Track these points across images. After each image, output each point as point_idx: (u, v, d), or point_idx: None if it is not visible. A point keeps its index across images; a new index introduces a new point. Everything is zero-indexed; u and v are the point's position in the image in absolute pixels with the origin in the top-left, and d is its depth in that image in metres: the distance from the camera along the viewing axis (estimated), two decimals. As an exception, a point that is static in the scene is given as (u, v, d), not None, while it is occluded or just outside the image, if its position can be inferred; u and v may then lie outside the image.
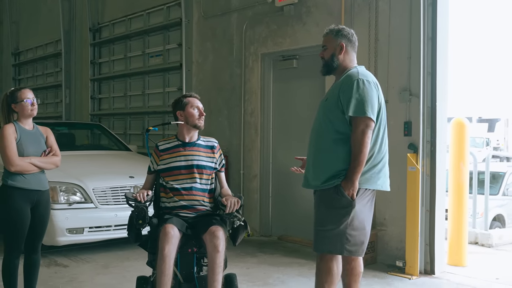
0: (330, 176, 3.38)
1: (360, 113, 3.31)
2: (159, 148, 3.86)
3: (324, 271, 3.46)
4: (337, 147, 3.38)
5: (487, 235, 6.93)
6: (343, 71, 3.53)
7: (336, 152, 3.38)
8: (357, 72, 3.44)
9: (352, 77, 3.40)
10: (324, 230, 3.43)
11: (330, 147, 3.41)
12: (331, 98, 3.47)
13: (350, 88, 3.34)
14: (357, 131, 3.31)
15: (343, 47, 3.53)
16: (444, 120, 5.43)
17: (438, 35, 5.27)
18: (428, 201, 5.27)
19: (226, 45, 7.55)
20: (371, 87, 3.38)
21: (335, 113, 3.40)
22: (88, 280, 5.05)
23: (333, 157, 3.39)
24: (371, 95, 3.35)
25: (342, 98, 3.37)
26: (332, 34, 3.57)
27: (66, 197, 5.82)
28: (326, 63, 3.58)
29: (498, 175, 9.81)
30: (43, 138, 4.06)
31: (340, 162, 3.36)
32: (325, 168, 3.41)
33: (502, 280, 5.20)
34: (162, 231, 3.45)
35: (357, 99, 3.31)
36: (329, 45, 3.57)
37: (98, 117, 10.66)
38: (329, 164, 3.40)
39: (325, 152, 3.43)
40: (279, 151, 7.04)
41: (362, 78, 3.38)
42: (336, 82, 3.56)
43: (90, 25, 10.58)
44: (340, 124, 3.38)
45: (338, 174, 3.36)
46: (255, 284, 4.92)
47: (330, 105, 3.45)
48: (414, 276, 5.15)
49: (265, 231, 7.08)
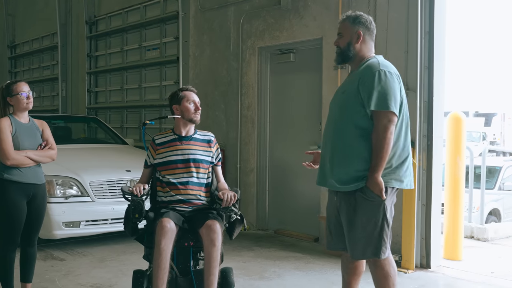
0: (353, 177, 3.18)
1: (382, 107, 3.10)
2: (156, 142, 3.85)
3: (381, 278, 3.27)
4: (359, 143, 3.18)
5: (482, 229, 6.96)
6: (360, 61, 3.31)
7: (358, 149, 3.18)
8: (378, 63, 3.21)
9: (373, 68, 3.18)
10: (359, 236, 3.22)
11: (350, 144, 3.20)
12: (349, 91, 3.25)
13: (371, 80, 3.13)
14: (379, 126, 3.10)
15: (361, 36, 3.30)
16: (441, 114, 5.43)
17: (435, 29, 5.26)
18: (424, 195, 5.28)
19: (223, 39, 7.53)
20: (394, 79, 3.17)
21: (354, 107, 3.19)
22: (84, 273, 5.05)
23: (354, 155, 3.19)
24: (394, 88, 3.14)
25: (362, 91, 3.15)
26: (349, 21, 3.33)
27: (62, 191, 5.81)
28: (341, 52, 3.35)
29: (494, 170, 9.85)
30: (39, 131, 4.05)
31: (363, 160, 3.16)
32: (347, 167, 3.21)
33: (497, 274, 5.23)
34: (158, 225, 3.45)
35: (379, 92, 3.10)
36: (345, 33, 3.33)
37: (94, 111, 10.62)
38: (351, 163, 3.20)
39: (346, 149, 3.22)
40: (276, 145, 7.04)
41: (383, 69, 3.16)
42: (353, 73, 3.33)
43: (86, 18, 10.52)
44: (361, 119, 3.17)
45: (362, 174, 3.16)
46: (252, 278, 4.93)
47: (348, 98, 3.23)
48: (410, 270, 5.16)
49: (261, 225, 7.09)
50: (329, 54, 6.08)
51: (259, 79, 7.09)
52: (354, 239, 3.26)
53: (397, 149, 3.22)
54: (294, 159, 6.71)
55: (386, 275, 3.26)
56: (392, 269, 3.29)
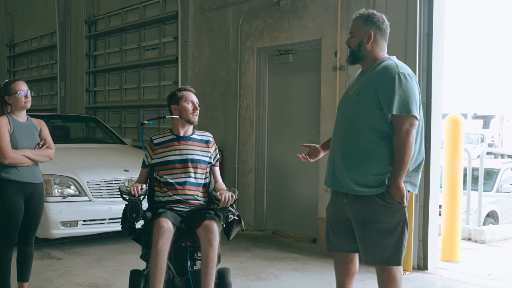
0: (373, 181, 3.10)
1: (405, 111, 3.01)
2: (154, 142, 3.85)
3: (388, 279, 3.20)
4: (376, 146, 3.10)
5: (480, 231, 6.96)
6: (373, 61, 3.22)
7: (375, 152, 3.10)
8: (396, 65, 3.11)
9: (392, 70, 3.08)
10: (379, 243, 3.14)
11: (367, 146, 3.11)
12: (364, 93, 3.15)
13: (391, 84, 3.03)
14: (401, 131, 3.01)
15: (371, 36, 3.21)
16: (439, 116, 5.43)
17: (434, 31, 5.26)
18: (422, 197, 5.28)
19: (222, 39, 7.53)
20: (413, 82, 3.09)
21: (371, 110, 3.09)
22: (81, 273, 5.05)
23: (371, 157, 3.10)
24: (414, 91, 3.06)
25: (381, 94, 3.06)
26: (361, 20, 3.26)
27: (60, 190, 5.80)
28: (352, 52, 3.27)
29: (492, 172, 9.86)
30: (36, 130, 4.04)
31: (380, 163, 3.09)
32: (365, 170, 3.11)
33: (495, 276, 5.23)
34: (156, 225, 3.45)
35: (401, 96, 3.01)
36: (356, 33, 3.25)
37: (93, 110, 10.62)
38: (368, 166, 3.11)
39: (362, 152, 3.12)
40: (274, 145, 7.04)
41: (403, 72, 3.07)
42: (367, 74, 3.22)
43: (85, 17, 10.52)
44: (379, 122, 3.08)
45: (382, 178, 3.09)
46: (249, 279, 4.93)
47: (364, 100, 3.13)
48: (407, 272, 5.16)
49: (259, 226, 7.09)
50: (328, 55, 6.09)
51: (258, 80, 7.09)
52: (371, 245, 3.19)
53: (415, 153, 3.15)
54: (292, 160, 6.70)
55: (392, 279, 3.20)
56: (399, 273, 3.23)
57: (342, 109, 3.33)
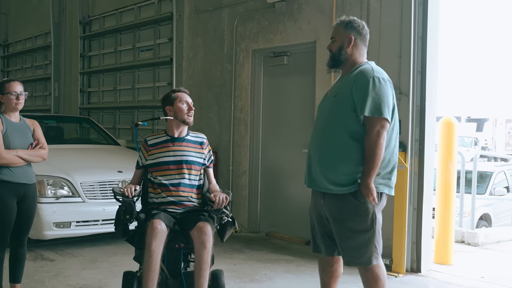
0: (345, 180, 3.20)
1: (377, 113, 3.13)
2: (148, 143, 3.84)
3: (370, 280, 3.26)
4: (349, 146, 3.20)
5: (473, 234, 6.99)
6: (352, 65, 3.35)
7: (348, 152, 3.20)
8: (372, 69, 3.25)
9: (367, 74, 3.21)
10: (352, 242, 3.23)
11: (341, 146, 3.22)
12: (341, 95, 3.26)
13: (365, 86, 3.16)
14: (372, 132, 3.14)
15: (352, 40, 3.33)
16: (433, 119, 5.45)
17: (429, 34, 5.28)
18: (416, 200, 5.30)
19: (217, 41, 7.53)
20: (387, 86, 3.21)
21: (346, 111, 3.21)
22: (74, 274, 5.02)
23: (346, 158, 3.21)
24: (388, 95, 3.18)
25: (356, 96, 3.18)
26: (342, 25, 3.38)
27: (53, 191, 5.78)
28: (333, 56, 3.39)
29: (486, 175, 9.90)
30: (30, 130, 4.02)
31: (353, 163, 3.19)
32: (338, 169, 3.22)
33: (487, 279, 5.25)
34: (149, 226, 3.44)
35: (374, 98, 3.14)
36: (337, 37, 3.37)
37: (87, 111, 10.58)
38: (341, 165, 3.22)
39: (336, 152, 3.23)
40: (268, 147, 7.04)
41: (378, 76, 3.20)
42: (345, 78, 3.34)
43: (80, 18, 10.49)
44: (353, 123, 3.20)
45: (354, 177, 3.19)
46: (242, 281, 4.92)
47: (341, 102, 3.25)
48: (400, 274, 5.17)
49: (253, 228, 7.08)
50: (323, 57, 6.07)
51: (252, 82, 7.09)
52: (346, 246, 3.28)
53: (387, 155, 3.25)
54: (286, 162, 6.72)
55: (376, 278, 3.27)
56: (382, 272, 3.30)
57: (321, 110, 3.47)
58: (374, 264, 3.26)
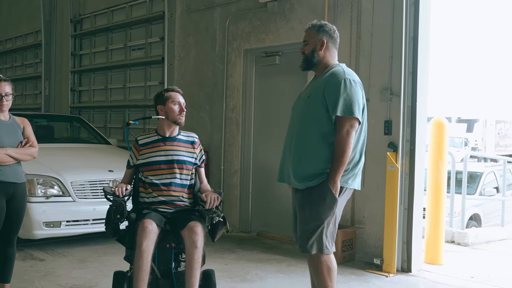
0: (313, 174, 3.36)
1: (347, 113, 3.29)
2: (139, 142, 3.82)
3: (323, 270, 3.40)
4: (321, 146, 3.36)
5: (463, 234, 7.03)
6: (324, 67, 3.51)
7: (320, 151, 3.35)
8: (343, 71, 3.41)
9: (338, 76, 3.37)
10: (311, 230, 3.39)
11: (314, 146, 3.37)
12: (314, 96, 3.43)
13: (337, 88, 3.31)
14: (342, 131, 3.29)
15: (324, 43, 3.50)
16: (424, 119, 5.47)
17: (420, 35, 5.31)
18: (407, 200, 5.32)
19: (209, 40, 7.52)
20: (357, 87, 3.37)
21: (319, 111, 3.37)
22: (64, 274, 5.00)
23: (317, 156, 3.36)
24: (358, 96, 3.35)
25: (328, 97, 3.33)
26: (314, 29, 3.54)
27: (43, 190, 5.74)
28: (306, 58, 3.55)
29: (476, 175, 9.95)
30: (19, 129, 3.99)
31: (324, 161, 3.34)
32: (309, 167, 3.38)
33: (477, 278, 5.28)
34: (140, 226, 3.42)
35: (345, 99, 3.29)
36: (310, 40, 3.53)
37: (78, 110, 10.53)
38: (313, 163, 3.37)
39: (309, 151, 3.39)
40: (260, 147, 7.03)
41: (349, 78, 3.36)
42: (318, 80, 3.51)
43: (71, 16, 10.45)
44: (325, 123, 3.35)
45: (321, 172, 3.34)
46: (234, 281, 4.91)
47: (313, 103, 3.41)
48: (391, 274, 5.19)
49: (244, 227, 7.08)
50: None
51: (244, 81, 7.09)
52: (303, 234, 3.43)
53: (356, 152, 3.42)
54: (278, 162, 6.69)
55: (329, 269, 3.41)
56: (334, 263, 3.45)
57: (294, 111, 3.62)
58: (328, 254, 3.41)
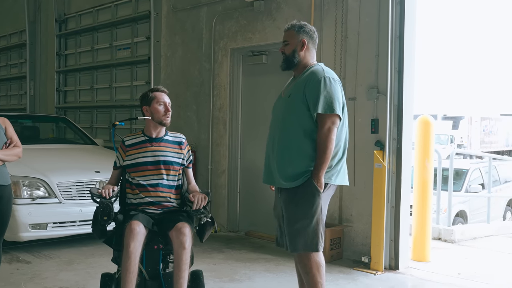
0: (298, 173, 3.39)
1: (328, 110, 3.34)
2: (125, 143, 3.80)
3: (312, 266, 3.42)
4: (305, 144, 3.39)
5: (450, 231, 7.08)
6: (304, 67, 3.56)
7: (304, 149, 3.39)
8: (323, 70, 3.46)
9: (318, 74, 3.42)
10: (299, 229, 3.40)
11: (296, 144, 3.41)
12: (295, 95, 3.47)
13: (317, 86, 3.36)
14: (324, 128, 3.34)
15: (305, 44, 3.55)
16: (410, 117, 5.51)
17: (406, 33, 5.34)
18: (394, 198, 5.35)
19: (196, 39, 7.49)
20: (337, 85, 3.42)
21: (300, 110, 3.41)
22: (51, 276, 4.95)
23: (301, 154, 3.40)
24: (338, 93, 3.40)
25: (308, 95, 3.39)
26: (294, 29, 3.59)
27: (29, 192, 5.68)
28: (287, 58, 3.60)
29: (461, 172, 10.05)
30: (2, 129, 3.93)
31: (307, 159, 3.38)
32: (294, 166, 3.41)
33: (464, 275, 5.33)
34: (127, 227, 3.40)
35: (325, 96, 3.35)
36: (290, 41, 3.58)
37: (63, 110, 10.45)
38: (297, 162, 3.40)
39: (293, 149, 3.42)
40: (247, 146, 7.03)
41: (328, 76, 3.41)
42: (297, 79, 3.55)
43: (56, 16, 10.35)
44: (306, 121, 3.39)
45: (306, 171, 3.37)
46: (222, 280, 4.91)
47: (295, 102, 3.45)
48: (378, 272, 5.22)
49: (232, 227, 7.07)
50: (301, 57, 6.10)
51: (231, 81, 7.07)
52: (291, 231, 3.44)
53: (338, 149, 3.45)
54: (265, 161, 6.71)
55: (318, 266, 3.43)
56: (323, 260, 3.47)
57: (275, 110, 3.64)
58: (317, 252, 3.42)
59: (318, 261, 3.43)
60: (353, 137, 5.58)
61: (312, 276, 3.42)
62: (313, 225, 3.39)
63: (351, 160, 5.58)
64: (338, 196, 5.73)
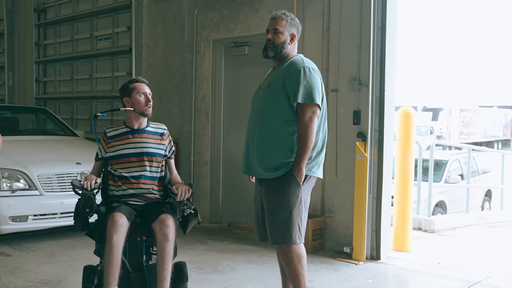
0: (279, 164, 3.40)
1: (309, 100, 3.35)
2: (107, 135, 3.77)
3: (294, 258, 3.43)
4: (285, 134, 3.40)
5: (430, 221, 7.18)
6: (284, 58, 3.57)
7: (284, 139, 3.40)
8: (302, 60, 3.47)
9: (297, 64, 3.43)
10: (280, 221, 3.41)
11: (276, 134, 3.42)
12: (274, 85, 3.48)
13: (297, 76, 3.37)
14: (304, 118, 3.34)
15: (294, 38, 3.59)
16: (392, 109, 5.55)
17: (388, 25, 5.36)
18: (375, 189, 5.40)
19: (177, 30, 7.43)
20: (317, 75, 3.44)
21: (280, 100, 3.41)
22: (32, 269, 4.91)
23: (280, 144, 3.41)
24: (318, 83, 3.41)
25: (288, 85, 3.39)
26: (287, 20, 3.58)
27: (9, 184, 5.61)
28: (275, 48, 3.57)
29: (441, 163, 10.16)
30: (-18, 122, 3.88)
31: (287, 149, 3.40)
32: (275, 156, 3.41)
33: (443, 264, 5.41)
34: (110, 219, 3.38)
35: (305, 86, 3.35)
36: (282, 31, 3.57)
37: (43, 101, 10.31)
38: (278, 152, 3.41)
39: (272, 140, 3.43)
40: (230, 138, 7.02)
41: (308, 66, 3.42)
42: (277, 70, 3.56)
43: (34, 5, 10.17)
44: (286, 111, 3.40)
45: (286, 161, 3.38)
46: (205, 272, 4.91)
47: (274, 92, 3.46)
48: (360, 262, 5.28)
49: (215, 218, 7.08)
50: (284, 48, 6.10)
51: (213, 72, 7.04)
52: (272, 223, 3.46)
53: (318, 140, 3.45)
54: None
55: (299, 257, 3.45)
56: (304, 252, 3.49)
57: (255, 101, 3.65)
58: (298, 244, 3.44)
59: (299, 253, 3.44)
60: (335, 128, 5.61)
61: (293, 267, 3.44)
62: (293, 216, 3.40)
63: (333, 151, 5.61)
64: (320, 187, 5.77)
